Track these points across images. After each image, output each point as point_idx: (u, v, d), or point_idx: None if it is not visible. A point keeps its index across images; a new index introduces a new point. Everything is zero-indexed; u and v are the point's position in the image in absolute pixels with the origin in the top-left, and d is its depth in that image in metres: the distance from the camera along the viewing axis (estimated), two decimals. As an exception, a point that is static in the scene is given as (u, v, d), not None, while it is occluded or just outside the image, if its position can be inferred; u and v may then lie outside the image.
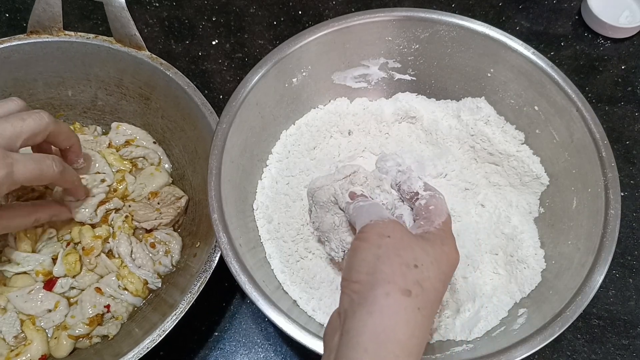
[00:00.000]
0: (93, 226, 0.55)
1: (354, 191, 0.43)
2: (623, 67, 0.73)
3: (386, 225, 0.36)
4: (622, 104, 0.70)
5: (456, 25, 0.55)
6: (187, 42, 0.73)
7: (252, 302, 0.42)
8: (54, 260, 0.53)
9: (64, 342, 0.49)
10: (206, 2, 0.77)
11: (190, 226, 0.57)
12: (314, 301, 0.48)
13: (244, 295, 0.51)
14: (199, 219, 0.56)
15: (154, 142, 0.62)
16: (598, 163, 0.48)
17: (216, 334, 0.55)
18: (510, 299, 0.49)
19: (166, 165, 0.61)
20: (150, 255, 0.54)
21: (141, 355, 0.43)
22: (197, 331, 0.55)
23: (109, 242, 0.54)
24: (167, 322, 0.44)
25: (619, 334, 0.56)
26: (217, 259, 0.47)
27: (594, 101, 0.70)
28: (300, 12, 0.77)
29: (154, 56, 0.57)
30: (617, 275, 0.59)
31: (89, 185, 0.55)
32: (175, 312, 0.45)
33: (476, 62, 0.56)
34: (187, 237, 0.56)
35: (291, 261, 0.50)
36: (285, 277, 0.49)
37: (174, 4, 0.76)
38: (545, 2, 0.79)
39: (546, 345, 0.40)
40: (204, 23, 0.75)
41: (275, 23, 0.75)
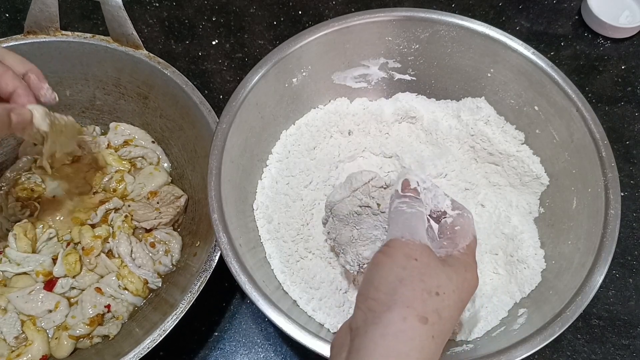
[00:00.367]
0: (93, 226, 0.55)
1: (409, 180, 0.40)
2: (623, 67, 0.73)
3: (416, 248, 0.35)
4: (622, 104, 0.70)
5: (456, 25, 0.54)
6: (187, 42, 0.73)
7: (252, 302, 0.42)
8: (54, 260, 0.53)
9: (65, 343, 0.49)
10: (206, 2, 0.77)
11: (190, 225, 0.57)
12: (314, 301, 0.48)
13: (244, 295, 0.51)
14: (198, 218, 0.56)
15: (153, 142, 0.62)
16: (598, 163, 0.48)
17: (216, 334, 0.55)
18: (510, 299, 0.49)
19: (165, 165, 0.61)
20: (150, 254, 0.54)
21: (142, 355, 0.43)
22: (197, 331, 0.55)
23: (108, 242, 0.54)
24: (168, 322, 0.44)
25: (619, 334, 0.56)
26: (217, 258, 0.47)
27: (594, 101, 0.70)
28: (300, 12, 0.77)
29: (151, 55, 0.57)
30: (617, 275, 0.59)
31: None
32: (175, 312, 0.45)
33: (476, 62, 0.56)
34: (187, 236, 0.56)
35: (291, 261, 0.50)
36: (285, 277, 0.49)
37: (174, 4, 0.76)
38: (545, 2, 0.79)
39: (546, 345, 0.40)
40: (204, 23, 0.75)
41: (275, 23, 0.75)
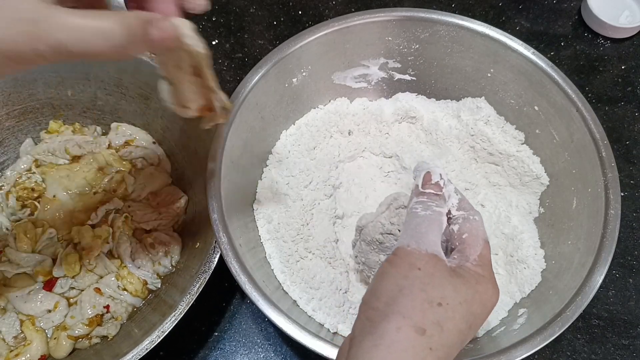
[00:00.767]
0: (93, 226, 0.55)
1: (431, 174, 0.37)
2: (623, 67, 0.73)
3: (421, 257, 0.33)
4: (622, 104, 0.70)
5: (456, 25, 0.54)
6: (187, 42, 0.73)
7: (252, 302, 0.42)
8: (54, 260, 0.53)
9: (64, 343, 0.49)
10: (206, 2, 0.77)
11: (190, 226, 0.57)
12: (314, 301, 0.48)
13: (244, 295, 0.51)
14: (198, 219, 0.56)
15: (154, 142, 0.62)
16: (598, 163, 0.48)
17: (216, 334, 0.55)
18: (510, 299, 0.49)
19: (166, 166, 0.61)
20: (150, 255, 0.54)
21: (141, 356, 0.43)
22: (197, 331, 0.55)
23: (108, 243, 0.54)
24: (167, 323, 0.44)
25: (619, 334, 0.56)
26: (216, 259, 0.47)
27: (594, 101, 0.70)
28: (300, 12, 0.77)
29: (153, 56, 0.57)
30: (617, 275, 0.59)
31: None
32: (174, 313, 0.45)
33: (476, 62, 0.56)
34: (187, 237, 0.56)
35: (291, 261, 0.50)
36: (285, 277, 0.49)
37: (174, 4, 0.76)
38: (545, 2, 0.79)
39: (546, 345, 0.40)
40: (204, 23, 0.75)
41: (275, 23, 0.75)
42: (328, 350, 0.40)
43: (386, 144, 0.57)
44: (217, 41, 0.73)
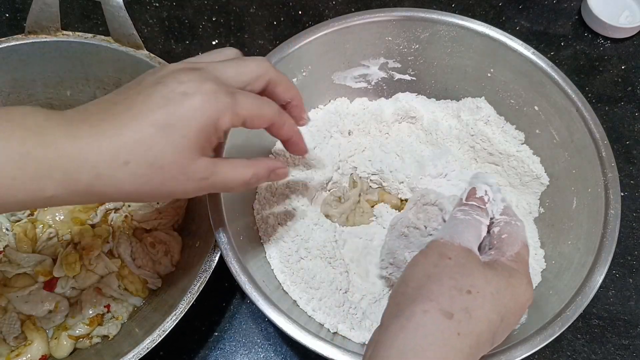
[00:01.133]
0: (93, 226, 0.55)
1: (476, 189, 0.39)
2: (623, 67, 0.73)
3: (452, 248, 0.34)
4: (622, 104, 0.70)
5: (456, 25, 0.54)
6: (187, 42, 0.73)
7: (252, 302, 0.42)
8: (54, 260, 0.53)
9: (64, 343, 0.49)
10: (206, 2, 0.77)
11: (190, 226, 0.57)
12: (314, 301, 0.48)
13: (244, 295, 0.51)
14: (199, 219, 0.56)
15: (154, 142, 0.62)
16: (598, 163, 0.48)
17: (216, 334, 0.55)
18: (510, 299, 0.49)
19: (166, 165, 0.61)
20: (150, 255, 0.54)
21: (141, 355, 0.43)
22: (197, 331, 0.55)
23: (108, 242, 0.54)
24: (167, 322, 0.44)
25: (619, 334, 0.56)
26: (216, 258, 0.47)
27: (594, 101, 0.70)
28: (300, 12, 0.77)
29: (152, 55, 0.57)
30: (617, 275, 0.59)
31: None
32: (175, 312, 0.45)
33: (476, 62, 0.56)
34: (187, 236, 0.56)
35: (291, 261, 0.50)
36: (285, 277, 0.49)
37: (174, 4, 0.76)
38: (545, 2, 0.79)
39: (546, 345, 0.40)
40: (204, 23, 0.75)
41: (275, 23, 0.75)
42: (328, 350, 0.40)
43: (386, 144, 0.57)
44: (217, 41, 0.73)
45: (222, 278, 0.56)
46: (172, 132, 0.31)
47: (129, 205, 0.56)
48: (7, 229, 0.54)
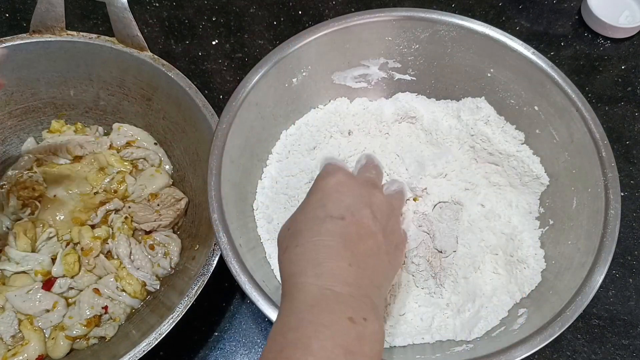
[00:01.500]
0: (93, 227, 0.55)
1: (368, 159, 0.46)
2: (623, 67, 0.73)
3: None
4: (622, 104, 0.70)
5: (456, 25, 0.54)
6: (187, 42, 0.73)
7: (252, 302, 0.42)
8: (53, 260, 0.53)
9: (61, 343, 0.49)
10: (206, 2, 0.77)
11: (189, 228, 0.57)
12: (313, 301, 0.48)
13: (244, 295, 0.51)
14: (198, 221, 0.56)
15: (155, 143, 0.62)
16: (598, 163, 0.48)
17: (216, 334, 0.55)
18: (510, 299, 0.49)
19: (167, 167, 0.61)
20: (149, 257, 0.54)
21: (138, 358, 0.43)
22: (197, 331, 0.55)
23: (108, 243, 0.54)
24: (164, 325, 0.44)
25: (619, 334, 0.56)
26: (215, 262, 0.47)
27: (594, 101, 0.70)
28: (300, 12, 0.77)
29: (156, 57, 0.57)
30: (617, 275, 0.59)
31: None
32: (172, 315, 0.45)
33: (476, 62, 0.56)
34: (187, 239, 0.56)
35: (291, 261, 0.50)
36: (285, 277, 0.49)
37: (174, 4, 0.76)
38: (545, 2, 0.79)
39: (546, 345, 0.40)
40: (204, 23, 0.75)
41: (275, 23, 0.75)
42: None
43: (386, 144, 0.57)
44: (217, 41, 0.73)
45: (222, 278, 0.56)
46: None
47: (129, 207, 0.56)
48: (7, 228, 0.54)
